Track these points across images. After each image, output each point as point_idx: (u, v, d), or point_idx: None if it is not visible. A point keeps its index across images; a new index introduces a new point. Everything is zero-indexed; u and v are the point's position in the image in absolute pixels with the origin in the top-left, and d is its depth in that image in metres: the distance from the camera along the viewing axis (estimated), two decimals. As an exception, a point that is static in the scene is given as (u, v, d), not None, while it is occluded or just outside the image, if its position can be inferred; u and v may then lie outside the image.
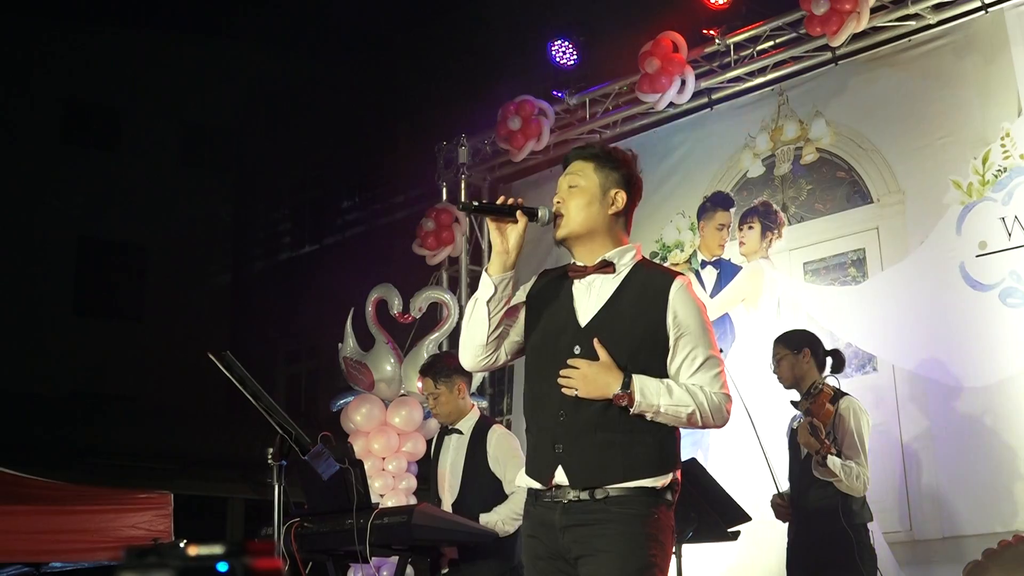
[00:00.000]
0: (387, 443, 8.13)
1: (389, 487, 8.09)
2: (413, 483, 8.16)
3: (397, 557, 5.56)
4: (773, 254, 7.68)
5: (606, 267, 3.35)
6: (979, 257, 6.69)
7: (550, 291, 3.42)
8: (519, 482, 3.41)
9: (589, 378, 3.20)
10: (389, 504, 7.28)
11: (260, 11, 17.78)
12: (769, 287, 7.62)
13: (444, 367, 5.87)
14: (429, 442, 8.13)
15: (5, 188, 17.60)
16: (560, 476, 3.24)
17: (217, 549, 1.25)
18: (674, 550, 4.27)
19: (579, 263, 3.39)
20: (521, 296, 3.46)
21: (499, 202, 3.36)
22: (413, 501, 7.87)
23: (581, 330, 3.30)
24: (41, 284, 17.97)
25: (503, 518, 5.47)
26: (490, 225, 3.35)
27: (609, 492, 3.19)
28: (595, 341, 3.24)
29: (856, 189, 7.41)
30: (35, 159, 18.05)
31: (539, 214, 3.35)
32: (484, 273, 3.35)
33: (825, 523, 5.40)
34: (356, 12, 16.50)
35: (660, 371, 3.28)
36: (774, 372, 5.71)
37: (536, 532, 3.31)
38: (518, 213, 3.31)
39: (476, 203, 3.49)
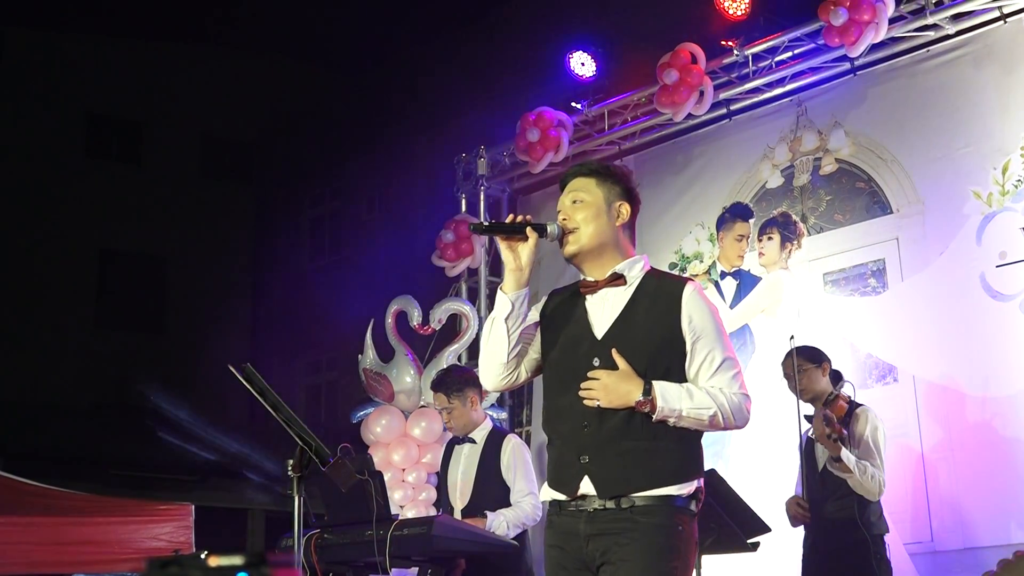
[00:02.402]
0: (407, 454, 8.14)
1: (409, 498, 8.09)
2: (433, 494, 8.16)
3: (417, 568, 5.57)
4: (793, 265, 7.67)
5: (617, 279, 3.36)
6: (999, 267, 6.66)
7: (563, 308, 3.43)
8: (543, 496, 3.39)
9: (610, 388, 3.21)
10: (409, 515, 7.29)
11: (280, 24, 17.87)
12: (789, 298, 7.60)
13: (455, 380, 5.90)
14: (448, 453, 8.16)
15: (29, 200, 17.72)
16: (587, 486, 3.24)
17: (237, 560, 1.26)
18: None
19: (589, 278, 3.41)
20: (534, 316, 3.46)
21: (508, 220, 3.39)
22: (433, 512, 7.89)
23: (598, 342, 3.31)
24: (63, 296, 18.06)
25: (508, 521, 5.51)
26: (500, 244, 3.37)
27: (635, 501, 3.20)
28: (613, 351, 3.25)
29: (875, 199, 7.39)
30: (58, 172, 18.17)
31: (548, 230, 3.37)
32: (499, 291, 3.37)
33: (842, 533, 5.42)
34: (375, 25, 16.57)
35: (679, 377, 3.29)
36: (794, 384, 5.69)
37: (559, 542, 3.30)
38: (528, 229, 3.33)
39: (486, 224, 3.53)
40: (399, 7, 16.47)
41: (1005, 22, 6.98)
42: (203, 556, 1.41)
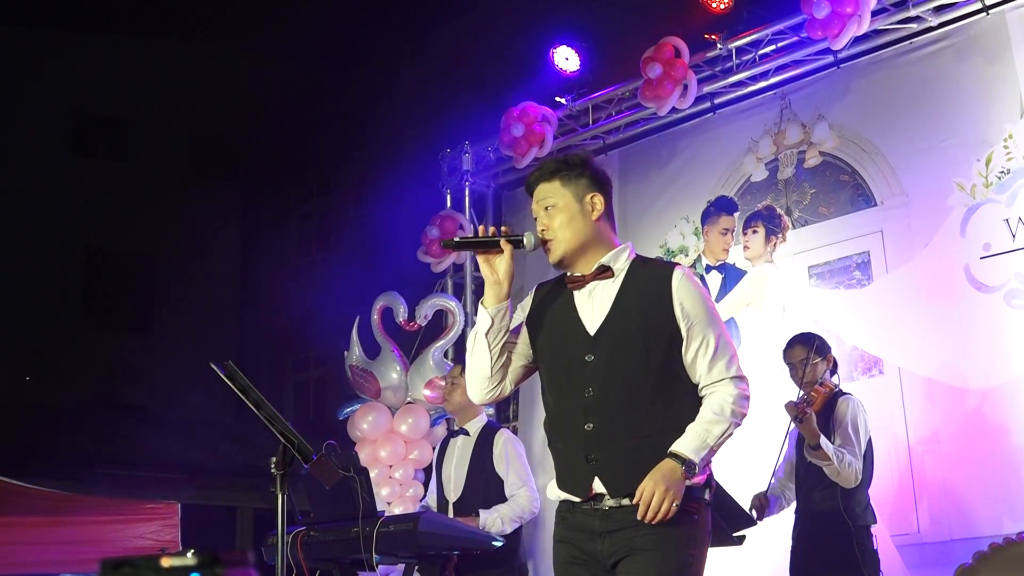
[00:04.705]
0: (394, 451, 8.13)
1: (396, 495, 8.09)
2: (420, 491, 8.16)
3: (403, 565, 5.57)
4: (778, 258, 7.67)
5: (604, 272, 3.33)
6: (983, 259, 6.67)
7: (552, 305, 3.39)
8: (550, 495, 3.38)
9: (664, 486, 3.12)
10: (396, 512, 7.28)
11: (265, 19, 17.83)
12: (774, 291, 7.61)
13: None
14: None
15: (14, 199, 17.65)
16: (598, 486, 3.23)
17: (189, 560, 1.25)
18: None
19: (576, 274, 3.37)
20: (520, 316, 3.43)
21: (481, 234, 3.34)
22: (419, 508, 7.88)
23: (591, 338, 3.28)
24: (49, 294, 18.00)
25: (503, 517, 5.50)
26: (478, 258, 3.33)
27: None
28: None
29: (860, 192, 7.40)
30: (44, 170, 18.10)
31: (524, 241, 3.31)
32: (480, 305, 3.33)
33: (827, 523, 5.45)
34: (360, 20, 16.54)
35: (676, 363, 3.26)
36: (797, 373, 5.68)
37: (570, 537, 3.29)
38: (502, 242, 3.29)
39: (458, 239, 3.51)
40: (383, 2, 16.44)
41: (987, 14, 6.98)
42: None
